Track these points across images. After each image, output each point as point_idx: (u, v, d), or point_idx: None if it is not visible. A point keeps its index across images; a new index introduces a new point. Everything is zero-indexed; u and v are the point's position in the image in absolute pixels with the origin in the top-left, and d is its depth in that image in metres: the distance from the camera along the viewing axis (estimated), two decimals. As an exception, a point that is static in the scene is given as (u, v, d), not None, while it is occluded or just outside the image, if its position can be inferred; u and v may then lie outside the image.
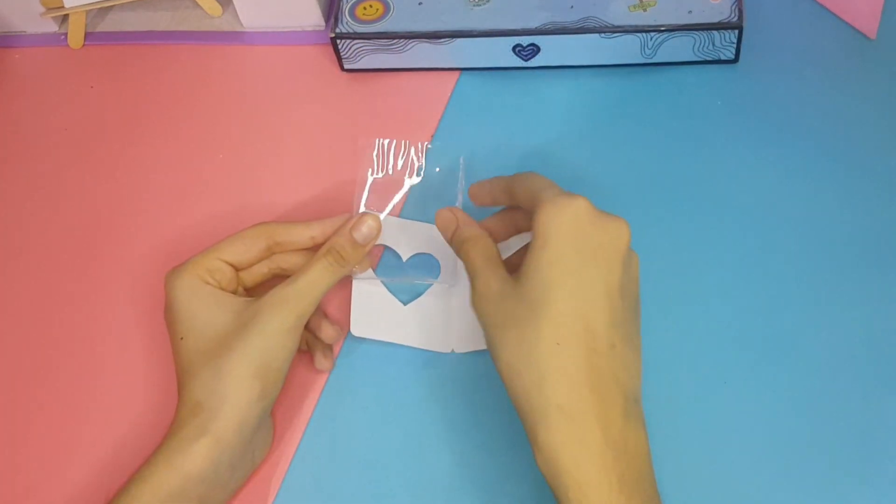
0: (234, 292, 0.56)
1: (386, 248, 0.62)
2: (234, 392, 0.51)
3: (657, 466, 0.52)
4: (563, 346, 0.47)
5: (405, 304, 0.60)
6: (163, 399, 0.57)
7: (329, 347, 0.59)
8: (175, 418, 0.52)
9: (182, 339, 0.53)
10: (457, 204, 0.60)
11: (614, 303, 0.49)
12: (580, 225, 0.49)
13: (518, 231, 0.57)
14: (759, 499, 0.52)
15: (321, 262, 0.55)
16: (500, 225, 0.57)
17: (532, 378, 0.47)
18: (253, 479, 0.55)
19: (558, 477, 0.46)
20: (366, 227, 0.56)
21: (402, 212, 0.63)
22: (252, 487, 0.55)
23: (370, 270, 0.60)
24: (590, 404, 0.46)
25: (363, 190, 0.60)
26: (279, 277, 0.57)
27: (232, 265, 0.56)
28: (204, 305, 0.54)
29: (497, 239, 0.56)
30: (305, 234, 0.57)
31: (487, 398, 0.56)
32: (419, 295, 0.60)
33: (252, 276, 0.58)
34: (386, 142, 0.62)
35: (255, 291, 0.58)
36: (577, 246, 0.49)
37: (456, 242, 0.55)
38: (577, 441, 0.46)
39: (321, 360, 0.58)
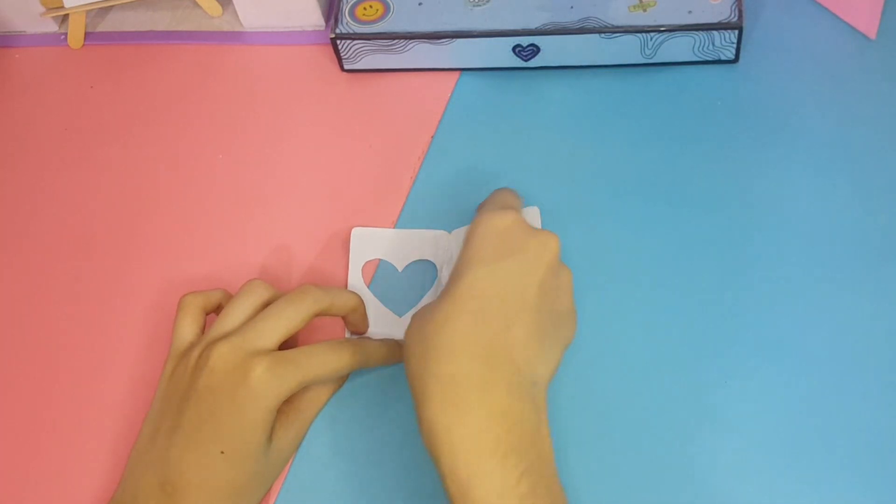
0: None
1: (381, 261, 0.62)
2: None
3: (658, 466, 0.52)
4: (451, 321, 0.48)
5: (401, 315, 0.60)
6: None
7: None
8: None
9: (223, 453, 0.50)
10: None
11: (526, 296, 0.50)
12: (504, 232, 0.52)
13: None
14: (759, 499, 0.52)
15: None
16: None
17: (419, 352, 0.48)
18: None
19: (434, 445, 0.46)
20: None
21: (399, 220, 0.63)
22: (253, 488, 0.55)
23: None
24: (468, 371, 0.47)
25: (354, 275, 0.61)
26: None
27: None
28: (264, 435, 0.51)
29: None
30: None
31: (488, 399, 0.56)
32: (414, 305, 0.60)
33: None
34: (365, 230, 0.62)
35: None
36: (495, 246, 0.51)
37: None
38: (451, 406, 0.46)
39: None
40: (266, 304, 0.55)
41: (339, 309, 0.56)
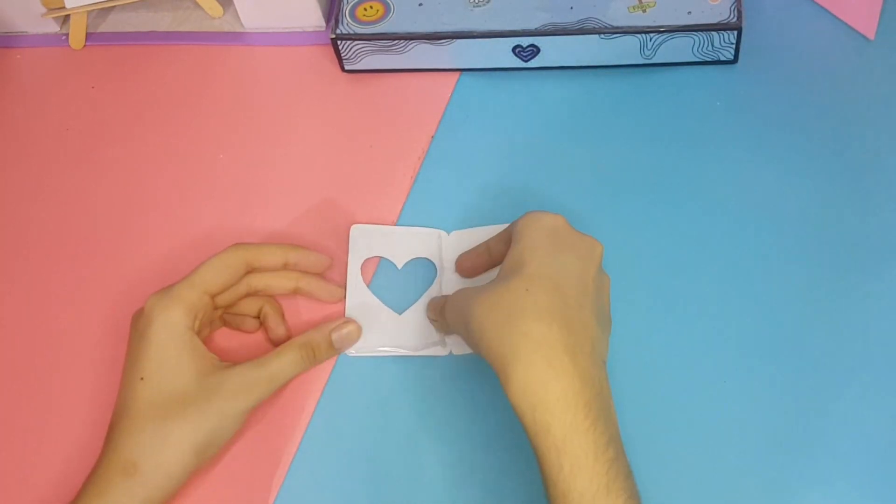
0: (210, 322, 0.58)
1: (381, 259, 0.62)
2: (173, 464, 0.51)
3: (658, 465, 0.52)
4: (532, 291, 0.49)
5: (400, 313, 0.60)
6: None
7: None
8: (100, 471, 0.51)
9: (142, 379, 0.53)
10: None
11: (587, 286, 0.51)
12: (556, 229, 0.53)
13: (492, 263, 0.58)
14: (760, 497, 0.52)
15: (294, 354, 0.56)
16: (475, 261, 0.59)
17: (502, 316, 0.48)
18: (254, 479, 0.56)
19: (527, 402, 0.46)
20: (346, 333, 0.58)
21: (399, 220, 0.64)
22: (253, 488, 0.55)
23: (365, 343, 0.59)
24: (559, 335, 0.47)
25: (353, 273, 0.61)
26: (251, 296, 0.59)
27: (212, 295, 0.56)
28: (178, 354, 0.53)
29: (472, 273, 0.60)
30: (280, 259, 0.59)
31: (485, 399, 0.56)
32: (414, 302, 0.60)
33: (228, 296, 0.58)
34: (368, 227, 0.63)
35: (227, 308, 0.59)
36: (550, 241, 0.52)
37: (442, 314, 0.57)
38: (546, 364, 0.46)
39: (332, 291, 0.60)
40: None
41: (268, 262, 0.58)
